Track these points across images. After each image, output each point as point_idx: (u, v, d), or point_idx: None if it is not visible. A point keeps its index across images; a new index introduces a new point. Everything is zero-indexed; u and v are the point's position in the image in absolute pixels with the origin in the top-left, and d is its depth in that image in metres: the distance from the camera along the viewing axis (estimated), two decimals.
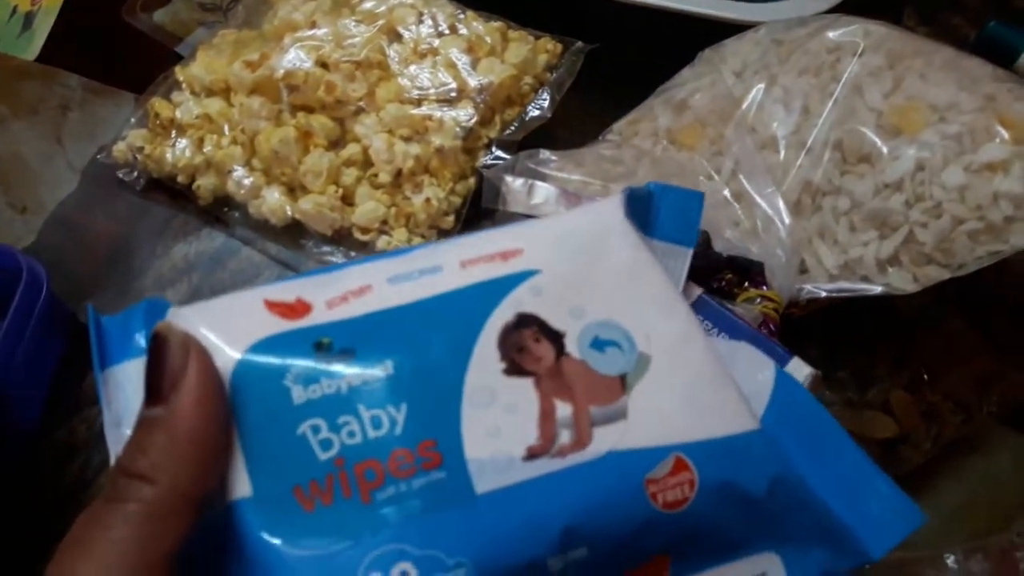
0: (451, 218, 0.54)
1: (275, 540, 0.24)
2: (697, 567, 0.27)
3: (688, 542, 0.27)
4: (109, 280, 0.57)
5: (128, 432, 0.25)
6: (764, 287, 0.43)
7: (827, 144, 0.46)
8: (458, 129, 0.53)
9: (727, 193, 0.46)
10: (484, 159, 0.55)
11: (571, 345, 0.28)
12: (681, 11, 0.56)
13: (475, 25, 0.58)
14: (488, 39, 0.57)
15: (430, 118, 0.54)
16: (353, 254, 0.55)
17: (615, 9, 0.57)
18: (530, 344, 0.27)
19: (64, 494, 0.50)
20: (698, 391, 0.28)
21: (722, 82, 0.50)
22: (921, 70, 0.46)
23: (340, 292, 0.28)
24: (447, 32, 0.58)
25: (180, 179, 0.58)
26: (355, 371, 0.26)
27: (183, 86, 0.60)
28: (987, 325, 0.49)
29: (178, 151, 0.57)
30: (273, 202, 0.55)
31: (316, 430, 0.25)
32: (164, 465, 0.23)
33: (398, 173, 0.54)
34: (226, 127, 0.57)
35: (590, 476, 0.26)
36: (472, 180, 0.55)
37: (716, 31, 0.54)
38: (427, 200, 0.53)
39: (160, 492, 0.23)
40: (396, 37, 0.58)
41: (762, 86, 0.49)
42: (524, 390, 0.27)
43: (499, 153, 0.55)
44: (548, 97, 0.56)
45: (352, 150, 0.55)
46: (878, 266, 0.43)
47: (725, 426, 0.28)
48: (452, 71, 0.55)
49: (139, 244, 0.58)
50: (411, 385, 0.26)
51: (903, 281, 0.43)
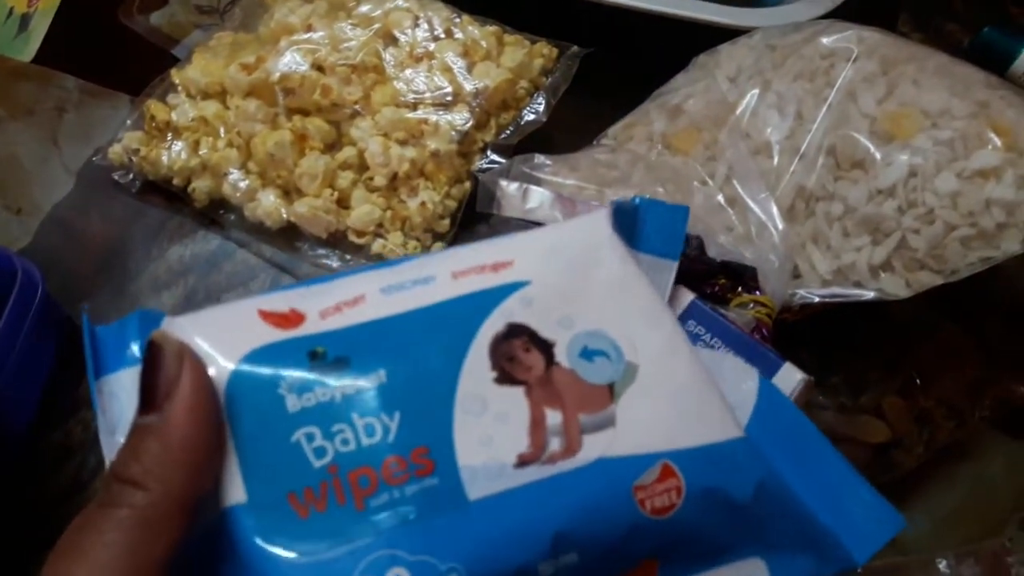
0: (446, 222, 0.54)
1: (269, 546, 0.24)
2: (685, 572, 0.28)
3: (676, 547, 0.27)
4: (104, 282, 0.57)
5: (122, 440, 0.25)
6: (757, 292, 0.43)
7: (821, 150, 0.46)
8: (453, 133, 0.54)
9: (721, 198, 0.46)
10: (479, 163, 0.55)
11: (560, 355, 0.28)
12: (676, 16, 0.56)
13: (471, 29, 0.58)
14: (484, 43, 0.57)
15: (426, 122, 0.54)
16: (348, 257, 0.55)
17: (611, 14, 0.57)
18: (520, 354, 0.28)
19: (60, 496, 0.50)
20: (684, 399, 0.28)
21: (716, 87, 0.50)
22: (914, 76, 0.46)
23: (333, 302, 0.29)
24: (443, 36, 0.58)
25: (176, 181, 0.58)
26: (349, 380, 0.27)
27: (179, 88, 0.60)
28: (980, 330, 0.49)
29: (174, 153, 0.57)
30: (268, 205, 0.55)
31: (310, 438, 0.26)
32: (157, 471, 0.23)
33: (393, 176, 0.54)
34: (222, 130, 0.57)
35: (580, 483, 0.26)
36: (467, 184, 0.55)
37: (711, 36, 0.54)
38: (422, 204, 0.53)
39: (153, 498, 0.23)
40: (392, 41, 0.58)
41: (756, 91, 0.49)
42: (515, 399, 0.27)
43: (494, 157, 0.55)
44: (543, 101, 0.56)
45: (348, 153, 0.55)
46: (871, 272, 0.44)
47: (711, 434, 0.28)
48: (448, 75, 0.55)
49: (134, 246, 0.58)
50: (404, 394, 0.27)
51: (896, 287, 0.43)
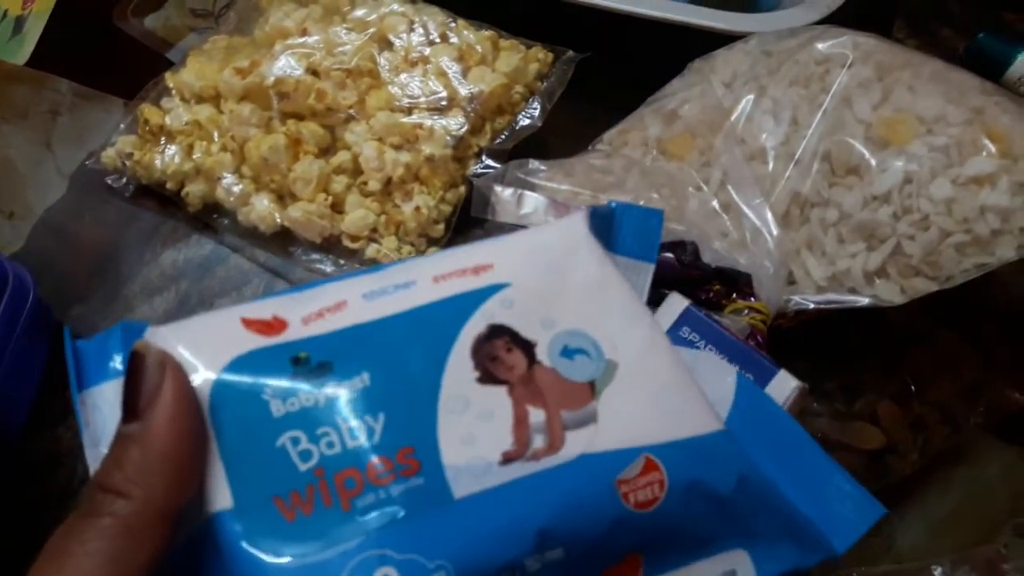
0: (441, 227, 0.54)
1: (256, 550, 0.24)
2: (670, 565, 0.28)
3: (660, 541, 0.28)
4: (97, 287, 0.57)
5: (106, 451, 0.25)
6: (752, 298, 0.43)
7: (816, 155, 0.46)
8: (448, 138, 0.53)
9: (715, 204, 0.46)
10: (474, 168, 0.55)
11: (542, 354, 0.29)
12: (672, 21, 0.56)
13: (466, 34, 0.58)
14: (479, 48, 0.57)
15: (420, 126, 0.54)
16: (342, 262, 0.54)
17: (606, 19, 0.57)
18: (502, 354, 0.28)
19: (50, 501, 0.50)
20: (664, 394, 0.29)
21: (712, 92, 0.50)
22: (909, 82, 0.46)
23: (316, 308, 0.29)
24: (438, 41, 0.58)
25: (169, 186, 0.57)
26: (332, 384, 0.27)
27: (173, 92, 0.59)
28: (975, 337, 0.49)
29: (167, 157, 0.57)
30: (262, 209, 0.55)
31: (296, 442, 0.26)
32: (139, 480, 0.23)
33: (388, 181, 0.54)
34: (216, 134, 0.56)
35: (564, 478, 0.27)
36: (462, 189, 0.55)
37: (706, 42, 0.54)
38: (417, 208, 0.53)
39: (135, 506, 0.23)
40: (387, 45, 0.58)
41: (751, 97, 0.49)
42: (498, 397, 0.28)
43: (489, 162, 0.55)
44: (539, 106, 0.56)
45: (342, 158, 0.54)
46: (866, 278, 0.43)
47: (691, 427, 0.29)
48: (443, 80, 0.55)
49: (127, 250, 0.58)
50: (388, 396, 0.27)
51: (890, 293, 0.43)
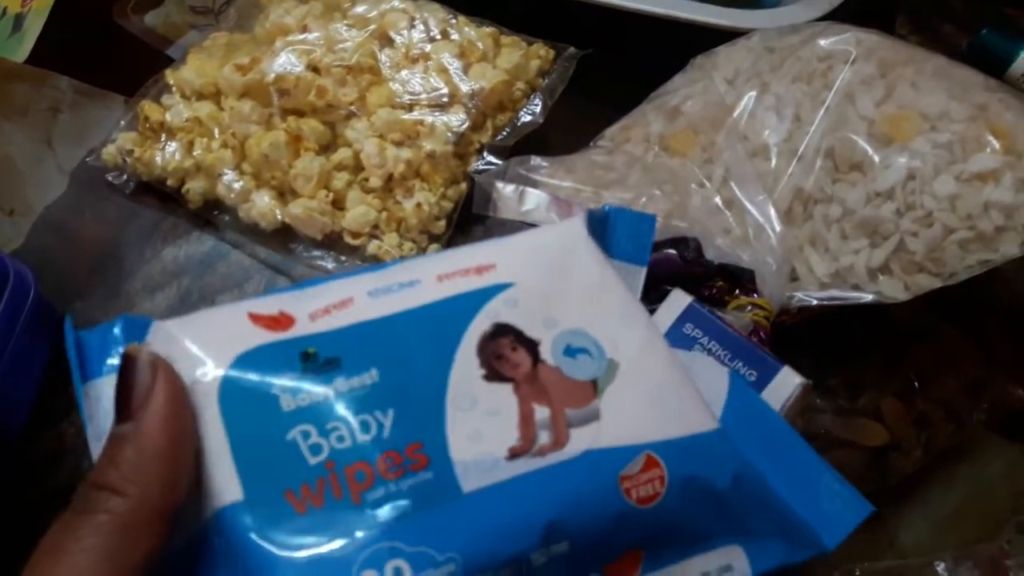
0: (442, 223, 0.54)
1: (267, 543, 0.25)
2: (668, 560, 0.29)
3: (660, 537, 0.28)
4: (98, 283, 0.57)
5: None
6: (755, 295, 0.42)
7: (818, 152, 0.46)
8: (449, 134, 0.53)
9: (718, 200, 0.46)
10: (476, 164, 0.55)
11: (545, 353, 0.29)
12: (674, 17, 0.56)
13: (467, 30, 0.58)
14: (480, 44, 0.56)
15: (421, 123, 0.53)
16: (343, 258, 0.54)
17: (608, 15, 0.57)
18: (507, 352, 0.29)
19: (53, 498, 0.50)
20: (663, 394, 0.30)
21: (714, 89, 0.50)
22: (912, 79, 0.46)
23: (322, 305, 0.29)
24: (439, 37, 0.57)
25: (170, 182, 0.57)
26: (341, 379, 0.27)
27: (173, 89, 0.59)
28: (978, 333, 0.49)
29: (168, 154, 0.57)
30: (263, 206, 0.55)
31: (306, 435, 0.26)
32: (134, 478, 0.24)
33: (389, 178, 0.54)
34: (216, 130, 0.56)
35: (569, 473, 0.27)
36: (463, 185, 0.55)
37: (709, 38, 0.54)
38: (418, 205, 0.53)
39: (130, 504, 0.23)
40: (388, 42, 0.58)
41: (754, 93, 0.49)
42: (504, 395, 0.28)
43: (491, 158, 0.55)
44: (540, 103, 0.56)
45: (343, 154, 0.54)
46: (869, 274, 0.43)
47: (689, 426, 0.29)
48: (444, 76, 0.55)
49: (128, 247, 0.58)
50: (396, 391, 0.27)
51: (894, 289, 0.43)
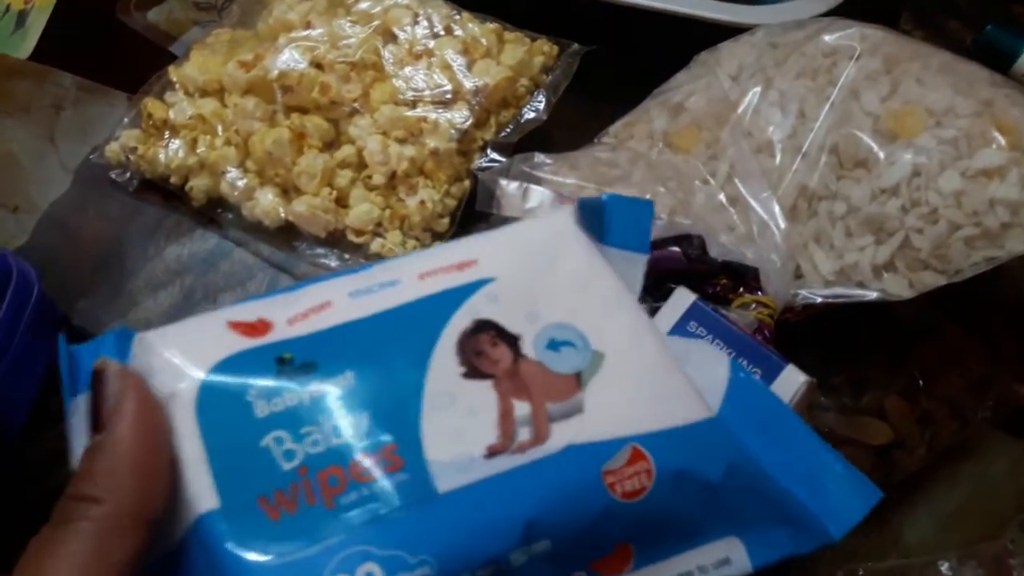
0: (446, 220, 0.54)
1: (241, 550, 0.25)
2: (661, 555, 0.28)
3: (650, 530, 0.28)
4: (101, 281, 0.57)
5: None
6: (759, 293, 0.42)
7: (823, 148, 0.45)
8: (453, 131, 0.53)
9: (722, 197, 0.46)
10: (479, 161, 0.54)
11: (527, 347, 0.29)
12: (677, 14, 0.55)
13: (471, 27, 0.57)
14: (484, 41, 0.56)
15: (425, 120, 0.53)
16: (347, 256, 0.54)
17: (611, 11, 0.57)
18: (487, 348, 0.29)
19: (53, 498, 0.50)
20: (651, 384, 0.29)
21: (718, 85, 0.50)
22: (918, 74, 0.45)
23: (301, 309, 0.29)
24: (442, 33, 0.57)
25: (173, 180, 0.57)
26: (316, 383, 0.27)
27: (177, 86, 0.59)
28: (983, 330, 0.48)
29: (171, 152, 0.57)
30: (267, 204, 0.54)
31: (280, 441, 0.26)
32: (109, 486, 0.24)
33: (392, 175, 0.54)
34: (220, 128, 0.56)
35: (550, 470, 0.27)
36: (467, 182, 0.55)
37: (712, 34, 0.53)
38: (422, 202, 0.52)
39: (107, 510, 0.24)
40: (391, 38, 0.58)
41: (758, 89, 0.48)
42: (483, 392, 0.28)
43: (494, 155, 0.54)
44: (544, 99, 0.56)
45: (346, 152, 0.54)
46: (874, 272, 0.43)
47: (679, 416, 0.29)
48: (447, 73, 0.55)
49: (131, 245, 0.58)
50: (372, 394, 0.27)
51: (899, 287, 0.43)
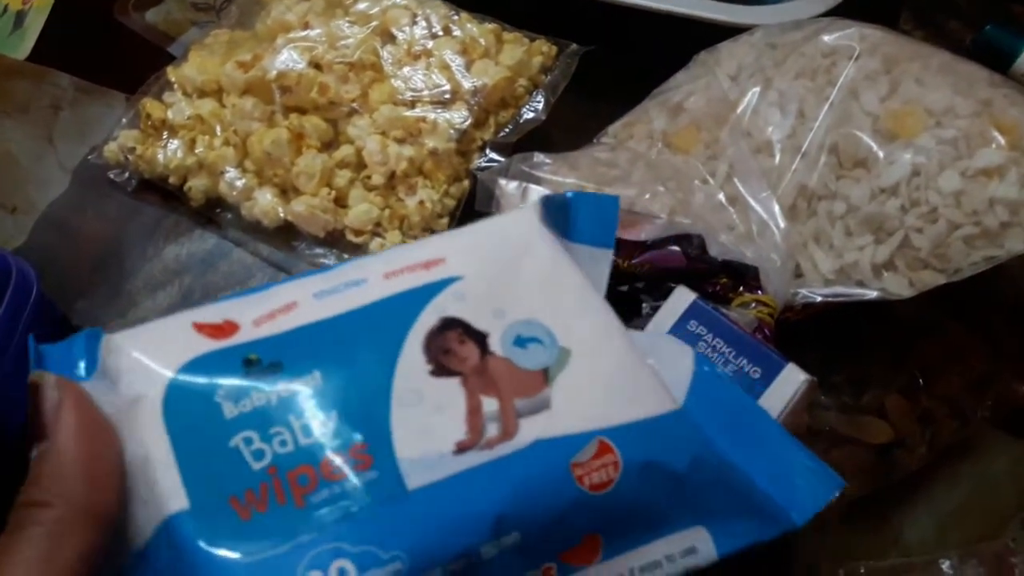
0: (445, 220, 0.54)
1: (213, 549, 0.25)
2: (629, 545, 0.29)
3: (618, 521, 0.28)
4: (100, 281, 0.57)
5: None
6: (759, 292, 0.42)
7: (823, 148, 0.45)
8: (452, 131, 0.53)
9: (722, 197, 0.46)
10: (478, 161, 0.54)
11: (495, 344, 0.30)
12: (676, 14, 0.55)
13: (469, 27, 0.57)
14: (482, 41, 0.56)
15: (424, 120, 0.53)
16: (346, 256, 0.54)
17: (610, 11, 0.57)
18: (455, 346, 0.29)
19: None
20: (617, 378, 0.30)
21: (717, 85, 0.50)
22: (917, 74, 0.45)
23: (267, 310, 0.30)
24: (441, 34, 0.57)
25: (172, 180, 0.57)
26: (283, 384, 0.28)
27: (175, 86, 0.59)
28: (983, 329, 0.48)
29: (170, 152, 0.57)
30: (265, 204, 0.54)
31: (248, 442, 0.27)
32: (55, 489, 0.25)
33: (392, 175, 0.54)
34: (218, 128, 0.56)
35: (518, 464, 0.27)
36: (466, 182, 0.54)
37: (711, 34, 0.54)
38: (421, 202, 0.52)
39: (56, 514, 0.25)
40: (390, 38, 0.58)
41: (757, 90, 0.48)
42: (451, 389, 0.28)
43: (493, 155, 0.54)
44: (543, 99, 0.56)
45: (345, 152, 0.54)
46: (873, 271, 0.43)
47: (644, 409, 0.29)
48: (446, 73, 0.55)
49: (130, 245, 0.58)
50: (339, 393, 0.28)
51: (899, 286, 0.43)
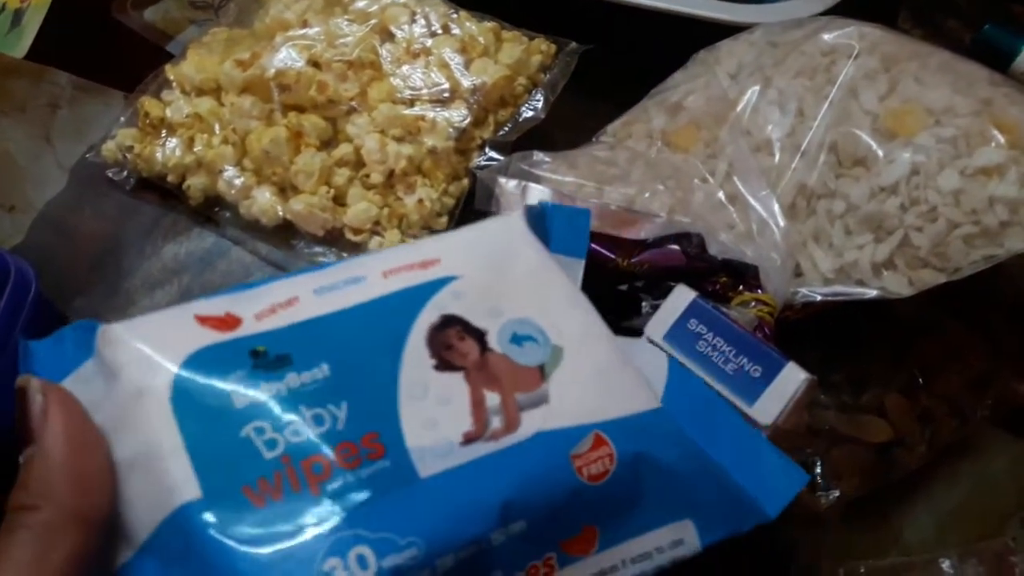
0: (444, 219, 0.54)
1: (227, 538, 0.25)
2: (623, 536, 0.30)
3: (613, 513, 0.30)
4: (98, 280, 0.57)
5: None
6: (759, 290, 0.42)
7: (822, 147, 0.45)
8: (451, 130, 0.53)
9: (721, 196, 0.46)
10: (477, 160, 0.54)
11: (493, 341, 0.31)
12: (676, 12, 0.55)
13: (468, 25, 0.57)
14: (481, 39, 0.56)
15: (423, 118, 0.53)
16: (345, 255, 0.54)
17: (609, 10, 0.57)
18: (456, 342, 0.30)
19: None
20: (606, 376, 0.31)
21: (717, 84, 0.50)
22: (916, 73, 0.45)
23: (268, 304, 0.30)
24: (440, 32, 0.57)
25: (170, 179, 0.57)
26: (292, 375, 0.28)
27: (173, 85, 0.59)
28: (982, 328, 0.48)
29: (168, 150, 0.56)
30: (264, 202, 0.54)
31: (260, 431, 0.27)
32: (45, 492, 0.25)
33: (390, 174, 0.54)
34: (217, 126, 0.56)
35: (522, 455, 0.28)
36: (465, 181, 0.54)
37: (711, 32, 0.54)
38: (420, 201, 0.52)
39: (44, 516, 0.25)
40: (389, 37, 0.58)
41: (757, 88, 0.48)
42: (455, 383, 0.29)
43: (492, 154, 0.54)
44: (542, 98, 0.56)
45: (344, 150, 0.54)
46: (873, 270, 0.43)
47: (632, 405, 0.31)
48: (445, 71, 0.55)
49: (128, 244, 0.58)
50: (348, 384, 0.28)
51: (898, 285, 0.43)
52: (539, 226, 0.36)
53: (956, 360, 0.47)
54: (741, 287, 0.43)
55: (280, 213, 0.54)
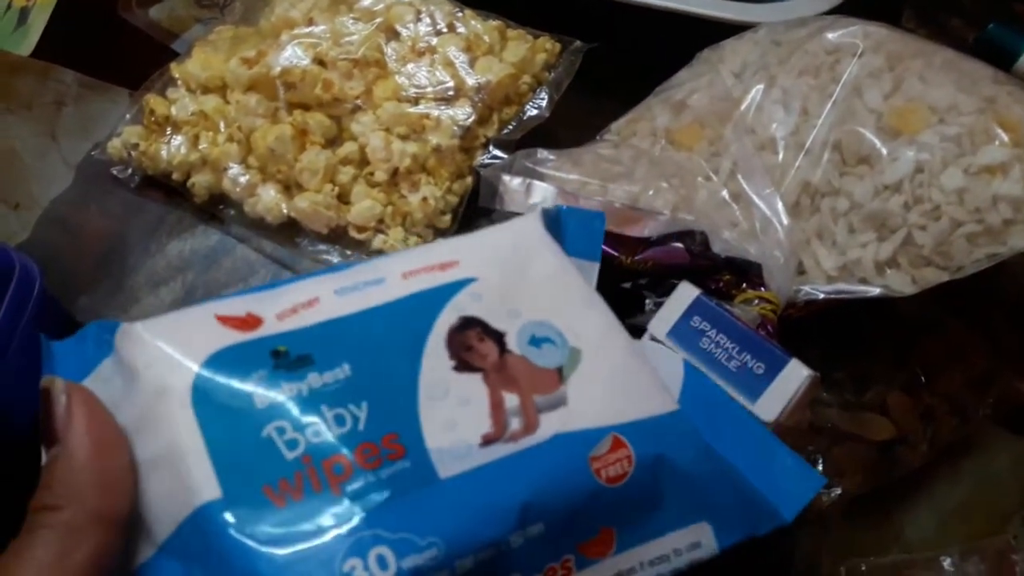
0: (448, 217, 0.54)
1: (247, 538, 0.25)
2: (640, 539, 0.30)
3: (630, 515, 0.29)
4: (103, 277, 0.57)
5: None
6: (762, 288, 0.42)
7: (826, 145, 0.45)
8: (456, 128, 0.53)
9: (725, 194, 0.46)
10: (482, 158, 0.54)
11: (511, 343, 0.31)
12: (680, 11, 0.56)
13: (473, 24, 0.57)
14: (486, 38, 0.56)
15: (427, 117, 0.53)
16: (349, 253, 0.54)
17: (614, 9, 0.57)
18: (475, 343, 0.30)
19: None
20: (624, 378, 0.31)
21: (721, 82, 0.50)
22: (920, 72, 0.46)
23: (289, 305, 0.30)
24: (445, 31, 0.57)
25: (175, 176, 0.57)
26: (314, 375, 0.28)
27: (179, 83, 0.59)
28: (985, 327, 0.49)
29: (173, 148, 0.57)
30: (269, 200, 0.54)
31: (281, 431, 0.27)
32: (67, 493, 0.25)
33: (395, 172, 0.54)
34: (222, 124, 0.56)
35: (541, 456, 0.28)
36: (469, 179, 0.55)
37: (715, 31, 0.54)
38: (424, 199, 0.53)
39: (66, 516, 0.25)
40: (394, 35, 0.58)
41: (761, 87, 0.48)
42: (474, 384, 0.29)
43: (497, 152, 0.54)
44: (546, 96, 0.56)
45: (349, 148, 0.54)
46: (876, 268, 0.43)
47: (650, 407, 0.31)
48: (450, 70, 0.55)
49: (133, 242, 0.58)
50: (369, 385, 0.28)
51: (901, 283, 0.43)
52: (555, 229, 0.36)
53: (958, 359, 0.47)
54: (744, 285, 0.43)
55: (284, 211, 0.54)
